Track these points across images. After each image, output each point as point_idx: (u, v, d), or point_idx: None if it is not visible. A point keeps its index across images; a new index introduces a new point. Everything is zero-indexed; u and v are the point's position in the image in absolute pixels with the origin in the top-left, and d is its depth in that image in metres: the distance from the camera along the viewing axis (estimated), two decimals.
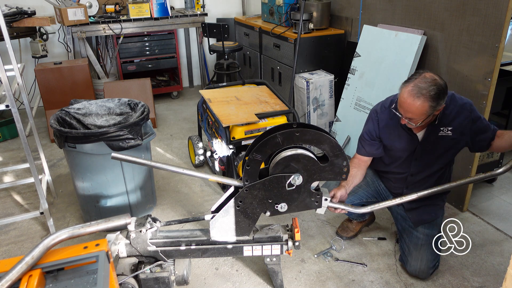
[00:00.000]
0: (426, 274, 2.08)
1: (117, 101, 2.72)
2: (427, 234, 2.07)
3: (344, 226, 2.48)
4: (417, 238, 2.09)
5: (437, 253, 2.06)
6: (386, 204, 1.94)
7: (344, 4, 3.65)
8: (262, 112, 2.70)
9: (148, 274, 1.77)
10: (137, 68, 4.87)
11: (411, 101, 1.73)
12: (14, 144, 3.94)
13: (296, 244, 1.87)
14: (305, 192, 1.74)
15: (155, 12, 4.51)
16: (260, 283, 2.13)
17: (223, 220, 1.81)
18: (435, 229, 2.08)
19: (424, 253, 2.06)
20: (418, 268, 2.07)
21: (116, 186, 2.45)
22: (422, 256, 2.06)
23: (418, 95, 1.71)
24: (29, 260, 1.09)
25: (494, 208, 2.72)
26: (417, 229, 2.10)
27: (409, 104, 1.74)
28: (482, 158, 2.77)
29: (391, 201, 1.93)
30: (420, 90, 1.71)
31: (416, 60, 2.76)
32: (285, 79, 3.89)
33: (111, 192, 2.45)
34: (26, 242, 2.50)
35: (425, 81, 1.72)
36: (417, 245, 2.08)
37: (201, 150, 3.23)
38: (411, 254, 2.10)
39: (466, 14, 2.42)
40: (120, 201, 2.51)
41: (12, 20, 3.78)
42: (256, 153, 1.65)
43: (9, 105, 2.10)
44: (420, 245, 2.07)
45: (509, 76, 2.88)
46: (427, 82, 1.72)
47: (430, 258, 2.05)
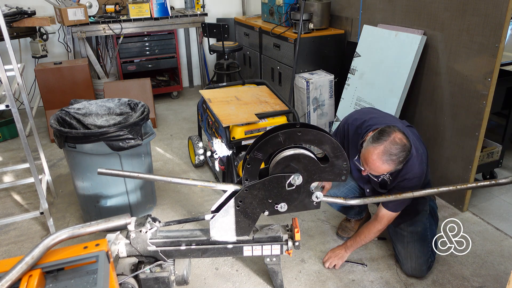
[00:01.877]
0: (420, 272, 2.09)
1: (117, 101, 2.72)
2: (411, 231, 2.10)
3: (343, 227, 2.49)
4: (402, 237, 2.13)
5: (427, 249, 2.08)
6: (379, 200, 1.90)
7: (344, 4, 3.65)
8: (262, 112, 2.70)
9: (148, 274, 1.77)
10: (137, 68, 4.87)
11: (379, 164, 1.74)
12: (14, 144, 3.94)
13: (296, 244, 1.87)
14: (304, 192, 1.75)
15: (155, 12, 4.51)
16: (260, 283, 2.13)
17: (223, 220, 1.81)
18: (418, 225, 2.10)
19: (412, 251, 2.09)
20: (410, 267, 2.10)
21: (116, 186, 2.45)
22: (411, 254, 2.09)
23: (388, 161, 1.72)
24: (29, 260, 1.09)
25: (494, 208, 2.72)
26: (401, 227, 2.13)
27: (377, 167, 1.76)
28: (482, 158, 2.77)
29: (384, 196, 1.89)
30: (390, 157, 1.71)
31: (416, 60, 2.76)
32: (285, 79, 3.89)
33: (111, 192, 2.45)
34: (26, 242, 2.50)
35: (395, 147, 1.71)
36: (404, 243, 2.12)
37: (201, 150, 3.23)
38: (401, 253, 2.14)
39: (466, 14, 2.42)
40: (120, 201, 2.51)
41: (12, 20, 3.77)
42: (257, 151, 1.65)
43: (9, 105, 2.10)
44: (407, 242, 2.11)
45: (509, 76, 2.88)
46: (398, 148, 1.71)
47: (418, 254, 2.07)
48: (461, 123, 2.58)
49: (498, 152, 2.86)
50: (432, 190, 1.80)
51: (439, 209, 2.73)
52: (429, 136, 2.85)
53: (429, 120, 2.83)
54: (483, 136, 2.48)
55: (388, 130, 1.76)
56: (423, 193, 1.81)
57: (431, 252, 2.14)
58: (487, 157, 2.82)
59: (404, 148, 1.73)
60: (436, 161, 2.79)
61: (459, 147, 2.60)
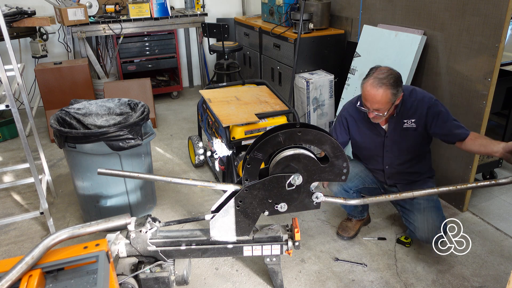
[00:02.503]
0: (435, 233, 2.11)
1: (117, 101, 2.72)
2: (427, 199, 2.19)
3: (343, 226, 2.49)
4: (418, 204, 2.20)
5: (442, 215, 2.16)
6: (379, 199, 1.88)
7: (344, 4, 3.65)
8: (262, 112, 2.70)
9: (148, 274, 1.77)
10: (137, 68, 4.87)
11: (375, 92, 1.91)
12: (14, 144, 3.94)
13: (296, 244, 1.87)
14: (304, 192, 1.75)
15: (155, 12, 4.51)
16: (260, 283, 2.13)
17: (223, 220, 1.81)
18: (432, 196, 2.19)
19: (429, 215, 2.15)
20: (427, 229, 2.14)
21: (116, 186, 2.45)
22: (427, 218, 2.15)
23: (380, 84, 1.91)
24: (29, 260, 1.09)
25: (494, 208, 2.72)
26: (417, 198, 2.19)
27: (373, 95, 1.92)
28: (482, 158, 2.76)
29: (385, 196, 1.86)
30: (381, 80, 1.91)
31: (416, 60, 2.76)
32: (285, 79, 3.89)
33: (111, 192, 2.45)
34: (26, 242, 2.50)
35: (382, 73, 1.93)
36: (420, 209, 2.18)
37: (201, 150, 3.23)
38: (418, 219, 2.18)
39: (466, 14, 2.42)
40: (120, 201, 2.51)
41: (12, 20, 3.77)
42: (257, 151, 1.65)
43: (9, 105, 2.10)
44: (423, 209, 2.18)
45: (509, 76, 2.88)
46: (384, 73, 1.93)
47: (435, 217, 2.14)
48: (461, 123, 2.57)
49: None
50: (432, 190, 1.80)
51: None
52: None
53: None
54: None
55: (373, 67, 2.00)
56: (423, 193, 1.81)
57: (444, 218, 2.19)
58: (487, 157, 2.82)
59: (390, 72, 1.93)
60: (436, 161, 2.78)
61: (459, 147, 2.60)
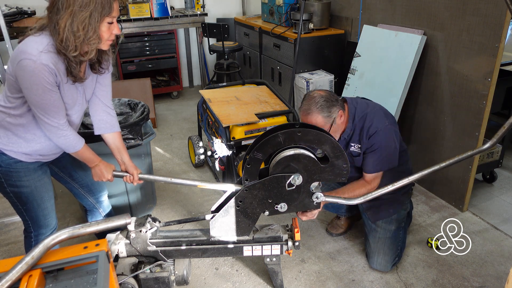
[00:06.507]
0: (385, 267, 2.17)
1: (117, 101, 2.71)
2: (385, 228, 2.17)
3: (333, 224, 2.53)
4: (375, 231, 2.19)
5: (396, 248, 2.16)
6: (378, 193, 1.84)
7: (344, 4, 3.65)
8: (262, 112, 2.70)
9: (148, 274, 1.77)
10: (137, 68, 4.87)
11: (306, 120, 1.94)
12: None
13: (296, 244, 1.87)
14: (304, 192, 1.74)
15: (155, 12, 4.51)
16: (260, 283, 2.13)
17: (223, 220, 1.81)
18: (392, 224, 2.17)
19: (381, 246, 2.16)
20: (376, 261, 2.17)
21: (116, 186, 2.44)
22: (379, 249, 2.16)
23: (308, 112, 1.93)
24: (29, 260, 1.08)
25: (494, 208, 2.72)
26: (377, 223, 2.19)
27: (310, 122, 1.92)
28: (482, 158, 2.77)
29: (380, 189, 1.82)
30: (309, 107, 1.93)
31: (416, 60, 2.76)
32: (285, 79, 3.89)
33: (111, 192, 2.45)
34: None
35: (309, 99, 1.94)
36: (375, 238, 2.18)
37: (201, 150, 3.23)
38: (371, 247, 2.20)
39: (466, 14, 2.42)
40: (120, 201, 2.51)
41: (12, 20, 3.77)
42: (257, 151, 1.65)
43: None
44: (378, 238, 2.17)
45: (509, 76, 2.88)
46: (311, 99, 1.93)
47: (387, 251, 2.15)
48: (461, 123, 2.58)
49: (498, 152, 2.86)
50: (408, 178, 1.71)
51: (439, 209, 2.74)
52: (429, 136, 2.85)
53: (429, 120, 2.83)
54: (483, 136, 2.48)
55: (305, 94, 2.00)
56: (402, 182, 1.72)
57: (400, 251, 2.21)
58: (487, 157, 2.82)
59: (320, 96, 1.94)
60: (436, 161, 2.77)
61: (459, 147, 2.60)
